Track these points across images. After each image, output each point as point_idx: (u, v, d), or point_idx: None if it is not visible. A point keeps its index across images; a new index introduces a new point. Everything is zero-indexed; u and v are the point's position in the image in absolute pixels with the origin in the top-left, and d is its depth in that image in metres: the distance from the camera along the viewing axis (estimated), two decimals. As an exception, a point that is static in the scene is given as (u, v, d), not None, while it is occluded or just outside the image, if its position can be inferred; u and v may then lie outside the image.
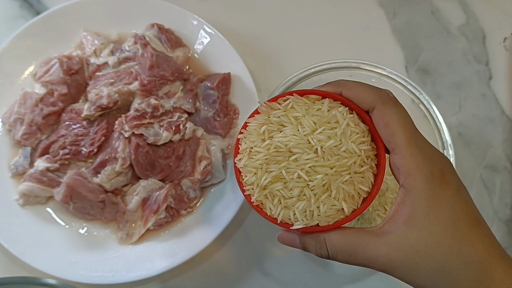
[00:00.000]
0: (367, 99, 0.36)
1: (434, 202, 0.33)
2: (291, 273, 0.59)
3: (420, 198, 0.33)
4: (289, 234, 0.37)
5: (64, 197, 0.55)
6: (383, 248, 0.33)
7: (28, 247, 0.55)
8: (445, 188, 0.33)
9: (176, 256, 0.55)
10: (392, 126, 0.34)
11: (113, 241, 0.57)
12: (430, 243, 0.33)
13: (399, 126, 0.34)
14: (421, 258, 0.33)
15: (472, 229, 0.33)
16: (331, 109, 0.36)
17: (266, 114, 0.37)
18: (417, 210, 0.33)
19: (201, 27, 0.63)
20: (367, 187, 0.36)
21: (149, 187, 0.57)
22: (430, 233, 0.33)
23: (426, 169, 0.33)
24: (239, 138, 0.38)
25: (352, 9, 0.69)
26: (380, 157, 0.36)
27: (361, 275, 0.59)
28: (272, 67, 0.66)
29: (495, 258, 0.33)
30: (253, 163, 0.36)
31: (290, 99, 0.37)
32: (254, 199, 0.36)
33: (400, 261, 0.33)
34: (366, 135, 0.36)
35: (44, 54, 0.61)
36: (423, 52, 0.68)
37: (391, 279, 0.59)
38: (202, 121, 0.60)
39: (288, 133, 0.35)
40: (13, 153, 0.59)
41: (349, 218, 0.35)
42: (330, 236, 0.35)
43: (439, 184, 0.33)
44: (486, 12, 0.69)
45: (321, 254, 0.36)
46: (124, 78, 0.58)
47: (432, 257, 0.32)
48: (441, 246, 0.33)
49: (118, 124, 0.56)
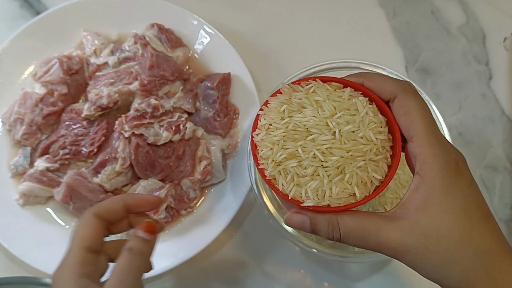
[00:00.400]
0: (388, 89, 0.36)
1: (448, 191, 0.33)
2: (290, 273, 0.59)
3: (435, 185, 0.33)
4: (299, 216, 0.37)
5: (64, 197, 0.55)
6: (395, 233, 0.33)
7: (28, 247, 0.55)
8: (459, 179, 0.34)
9: (176, 256, 0.55)
10: (412, 115, 0.35)
11: (113, 241, 0.57)
12: (441, 230, 0.33)
13: (418, 116, 0.35)
14: (432, 245, 0.33)
15: (483, 221, 0.34)
16: (351, 97, 0.37)
17: (288, 95, 0.38)
18: (431, 197, 0.33)
19: (201, 27, 0.63)
20: (381, 176, 0.36)
21: (149, 187, 0.57)
22: (442, 221, 0.33)
23: (443, 158, 0.34)
24: (259, 114, 0.38)
25: (352, 9, 0.69)
26: (396, 149, 0.36)
27: (360, 275, 0.59)
28: (272, 67, 0.66)
29: (502, 251, 0.34)
30: (271, 138, 0.36)
31: (312, 83, 0.38)
32: (268, 173, 0.37)
33: (411, 246, 0.33)
34: (383, 126, 0.37)
35: (44, 54, 0.61)
36: (423, 52, 0.68)
37: (393, 278, 0.59)
38: (202, 121, 0.60)
39: (308, 114, 0.36)
40: (13, 153, 0.59)
41: (360, 202, 0.35)
42: (343, 218, 0.35)
43: (453, 174, 0.34)
44: (486, 12, 0.69)
45: (333, 236, 0.35)
46: (124, 78, 0.58)
47: (442, 244, 0.33)
48: (452, 234, 0.33)
49: (118, 124, 0.56)
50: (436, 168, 0.34)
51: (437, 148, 0.34)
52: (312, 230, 0.36)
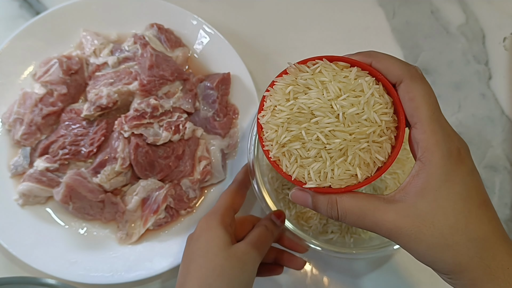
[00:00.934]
0: (396, 72, 0.36)
1: (448, 178, 0.34)
2: (291, 270, 0.59)
3: (435, 172, 0.34)
4: (303, 193, 0.38)
5: (63, 197, 0.55)
6: (391, 214, 0.34)
7: (27, 247, 0.55)
8: (460, 166, 0.34)
9: (176, 256, 0.55)
10: (417, 101, 0.35)
11: (113, 241, 0.57)
12: (437, 215, 0.33)
13: (423, 102, 0.35)
14: (427, 228, 0.33)
15: (481, 208, 0.34)
16: (358, 77, 0.37)
17: (294, 75, 0.38)
18: (430, 183, 0.34)
19: (201, 27, 0.63)
20: (383, 157, 0.36)
21: (148, 187, 0.57)
22: (439, 206, 0.33)
23: (445, 146, 0.34)
24: (264, 95, 0.39)
25: (352, 9, 0.69)
26: (400, 130, 0.37)
27: (361, 271, 0.59)
28: (271, 67, 0.66)
29: (498, 239, 0.34)
30: (275, 120, 0.37)
31: (319, 63, 0.38)
32: (272, 154, 0.37)
33: (406, 228, 0.34)
34: (389, 107, 0.37)
35: (43, 54, 0.61)
36: (423, 52, 0.68)
37: (393, 275, 0.59)
38: (202, 121, 0.60)
39: (313, 95, 0.36)
40: (13, 153, 0.59)
41: (361, 184, 0.36)
42: (342, 198, 0.36)
43: (455, 162, 0.34)
44: (485, 12, 0.69)
45: (331, 215, 0.37)
46: (124, 78, 0.58)
47: (437, 229, 0.33)
48: (448, 219, 0.33)
49: (118, 124, 0.56)
50: (437, 155, 0.34)
51: (440, 135, 0.34)
52: (314, 208, 0.38)
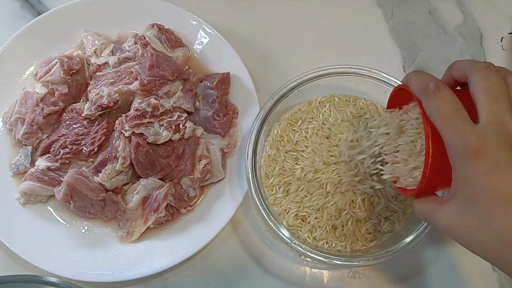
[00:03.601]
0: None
1: (467, 180, 0.37)
2: (290, 271, 0.59)
3: (458, 176, 0.38)
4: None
5: (64, 196, 0.55)
6: (439, 217, 0.40)
7: (29, 246, 0.55)
8: (476, 167, 0.36)
9: (176, 254, 0.56)
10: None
11: (114, 239, 0.57)
12: (465, 215, 0.38)
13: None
14: (460, 227, 0.38)
15: (503, 206, 0.35)
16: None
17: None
18: (456, 186, 0.38)
19: (201, 27, 0.63)
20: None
21: (149, 185, 0.57)
22: (465, 207, 0.38)
23: (461, 148, 0.36)
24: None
25: (351, 9, 0.69)
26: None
27: (359, 271, 0.59)
28: (271, 66, 0.66)
29: None
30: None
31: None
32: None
33: (448, 227, 0.39)
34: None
35: (44, 54, 0.62)
36: (421, 52, 0.68)
37: (391, 274, 0.59)
38: (202, 120, 0.61)
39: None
40: (14, 152, 0.59)
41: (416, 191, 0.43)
42: (414, 204, 0.43)
43: (471, 163, 0.36)
44: (483, 12, 0.70)
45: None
46: (124, 78, 0.58)
47: (466, 227, 0.38)
48: (472, 218, 0.37)
49: (119, 123, 0.56)
50: (455, 159, 0.38)
51: (455, 138, 0.38)
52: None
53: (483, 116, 0.37)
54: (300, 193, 0.55)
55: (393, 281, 0.59)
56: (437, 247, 0.60)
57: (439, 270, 0.59)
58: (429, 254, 0.60)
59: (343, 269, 0.59)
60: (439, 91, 0.38)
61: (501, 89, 0.38)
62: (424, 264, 0.59)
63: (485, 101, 0.37)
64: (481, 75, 0.39)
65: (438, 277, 0.59)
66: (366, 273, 0.59)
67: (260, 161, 0.57)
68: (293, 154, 0.56)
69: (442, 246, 0.60)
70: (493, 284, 0.59)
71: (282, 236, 0.52)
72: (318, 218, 0.54)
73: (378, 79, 0.57)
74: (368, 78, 0.57)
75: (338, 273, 0.59)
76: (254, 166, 0.55)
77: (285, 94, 0.57)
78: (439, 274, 0.59)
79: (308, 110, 0.59)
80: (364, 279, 0.59)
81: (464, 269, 0.59)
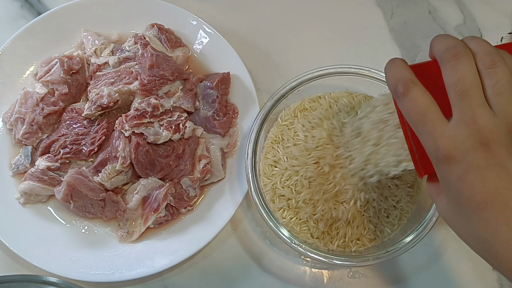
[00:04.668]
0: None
1: (444, 183, 0.37)
2: (290, 271, 0.59)
3: (438, 176, 0.37)
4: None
5: (64, 196, 0.55)
6: (438, 204, 0.40)
7: (29, 246, 0.55)
8: (448, 172, 0.36)
9: (176, 254, 0.56)
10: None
11: (114, 239, 0.58)
12: (453, 212, 0.37)
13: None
14: (451, 222, 0.38)
15: (476, 212, 0.35)
16: None
17: None
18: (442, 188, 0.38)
19: (201, 27, 0.63)
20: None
21: (149, 185, 0.57)
22: (451, 205, 0.37)
23: (432, 153, 0.36)
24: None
25: (350, 9, 0.70)
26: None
27: (359, 271, 0.59)
28: (271, 66, 0.66)
29: (498, 241, 0.34)
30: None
31: None
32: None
33: (444, 216, 0.39)
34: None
35: (45, 54, 0.62)
36: (421, 52, 0.68)
37: (390, 273, 0.59)
38: (202, 120, 0.61)
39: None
40: (14, 152, 0.59)
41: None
42: (426, 184, 0.42)
43: (444, 168, 0.36)
44: (483, 12, 0.70)
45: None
46: (124, 78, 0.58)
47: (454, 224, 0.38)
48: (456, 217, 0.37)
49: (119, 123, 0.56)
50: (433, 163, 0.38)
51: (428, 143, 0.38)
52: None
53: (454, 114, 0.35)
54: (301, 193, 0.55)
55: (393, 281, 0.59)
56: (437, 247, 0.60)
57: (439, 270, 0.59)
58: (429, 254, 0.60)
59: (343, 269, 0.59)
60: (408, 92, 0.36)
61: (471, 81, 0.35)
62: (424, 264, 0.59)
63: (454, 98, 0.35)
64: (448, 67, 0.36)
65: (438, 277, 0.59)
66: (366, 273, 0.59)
67: (260, 161, 0.57)
68: (292, 154, 0.56)
69: (442, 246, 0.60)
70: (493, 284, 0.59)
71: (282, 236, 0.53)
72: (318, 218, 0.54)
73: (378, 79, 0.57)
74: (368, 78, 0.57)
75: (338, 273, 0.59)
76: (254, 166, 0.55)
77: (285, 94, 0.57)
78: (439, 274, 0.59)
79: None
80: (364, 279, 0.59)
81: (464, 269, 0.59)
